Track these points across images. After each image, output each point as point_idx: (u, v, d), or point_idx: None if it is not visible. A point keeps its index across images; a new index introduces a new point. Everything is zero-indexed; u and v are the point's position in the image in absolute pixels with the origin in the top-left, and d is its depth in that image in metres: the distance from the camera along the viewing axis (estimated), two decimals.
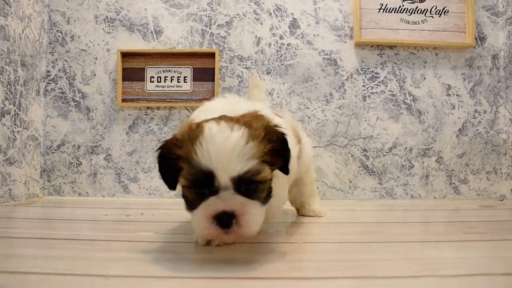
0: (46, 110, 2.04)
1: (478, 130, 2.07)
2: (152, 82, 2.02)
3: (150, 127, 2.03)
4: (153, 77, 2.02)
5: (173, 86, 2.02)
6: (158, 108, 2.03)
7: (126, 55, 2.03)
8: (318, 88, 2.03)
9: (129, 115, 2.04)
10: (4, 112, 1.72)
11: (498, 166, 2.07)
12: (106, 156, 2.03)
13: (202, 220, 0.76)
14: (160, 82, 2.02)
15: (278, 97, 2.02)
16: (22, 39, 1.85)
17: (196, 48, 2.04)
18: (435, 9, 2.04)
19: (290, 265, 0.78)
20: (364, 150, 2.04)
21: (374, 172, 2.03)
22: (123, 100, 2.01)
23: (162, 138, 2.02)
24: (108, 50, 2.04)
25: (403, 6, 2.04)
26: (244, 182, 0.75)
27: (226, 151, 0.73)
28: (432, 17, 2.04)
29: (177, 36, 2.05)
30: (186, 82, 2.02)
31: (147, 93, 2.02)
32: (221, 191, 0.75)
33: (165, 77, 2.02)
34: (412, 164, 2.04)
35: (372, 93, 2.05)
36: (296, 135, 1.14)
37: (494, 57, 2.08)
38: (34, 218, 1.43)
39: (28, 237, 1.09)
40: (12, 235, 1.12)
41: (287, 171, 0.86)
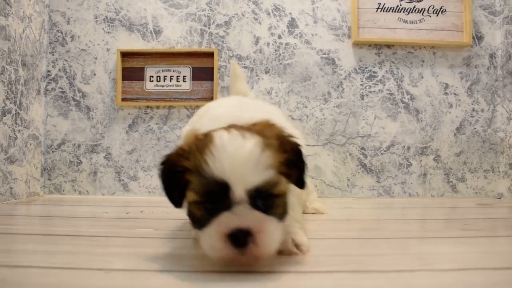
0: (46, 109, 2.05)
1: (475, 128, 2.08)
2: (152, 81, 2.03)
3: (149, 126, 2.05)
4: (152, 76, 2.03)
5: (172, 86, 2.03)
6: (158, 107, 2.05)
7: (125, 55, 2.04)
8: (316, 87, 2.05)
9: (128, 114, 2.05)
10: (5, 111, 1.73)
11: (496, 164, 2.09)
12: (106, 155, 2.04)
13: (214, 239, 0.66)
14: (159, 81, 2.03)
15: (277, 96, 2.03)
16: (23, 39, 1.86)
17: (195, 48, 2.05)
18: (433, 8, 2.06)
19: (287, 259, 0.79)
20: (362, 148, 2.05)
21: (372, 170, 2.05)
22: (123, 99, 2.03)
23: (162, 137, 2.04)
24: (108, 50, 2.06)
25: (400, 5, 2.05)
26: (260, 196, 0.67)
27: (241, 160, 0.65)
28: (430, 16, 2.05)
29: (176, 35, 2.06)
30: (185, 82, 2.03)
31: (146, 92, 2.03)
32: (235, 205, 0.65)
33: (164, 76, 2.03)
34: (410, 162, 2.06)
35: (370, 92, 2.06)
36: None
37: (492, 56, 2.10)
38: (35, 216, 1.44)
39: (29, 233, 1.10)
40: (13, 231, 1.13)
41: (303, 184, 0.78)
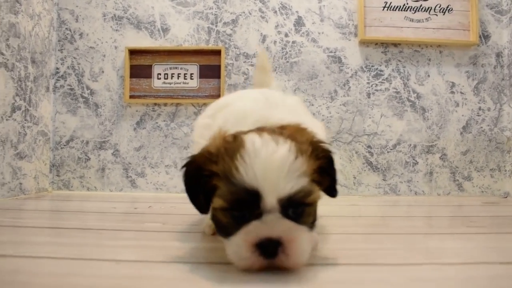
0: (55, 106, 2.08)
1: (482, 127, 2.08)
2: (159, 79, 2.05)
3: (157, 123, 2.06)
4: (160, 74, 2.05)
5: (179, 83, 2.05)
6: (165, 104, 2.06)
7: (133, 53, 2.06)
8: (323, 85, 2.05)
9: (136, 111, 2.07)
10: (15, 108, 1.75)
11: (502, 163, 2.09)
12: (114, 152, 2.06)
13: (242, 248, 0.62)
14: (167, 79, 2.05)
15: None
16: (32, 36, 1.88)
17: (203, 46, 2.07)
18: (439, 7, 2.06)
19: None
20: (369, 146, 2.06)
21: (378, 168, 2.05)
22: (131, 97, 2.04)
23: (169, 134, 2.05)
24: (116, 48, 2.08)
25: (407, 4, 2.05)
26: (292, 204, 0.64)
27: (274, 168, 0.62)
28: (436, 15, 2.06)
29: (183, 33, 2.08)
30: (193, 79, 2.05)
31: (154, 89, 2.05)
32: (265, 214, 0.62)
33: (172, 74, 2.05)
34: (416, 161, 2.06)
35: (377, 90, 2.07)
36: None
37: (498, 55, 2.10)
38: (44, 210, 1.46)
39: (39, 226, 1.12)
40: (23, 225, 1.15)
41: (335, 193, 0.75)
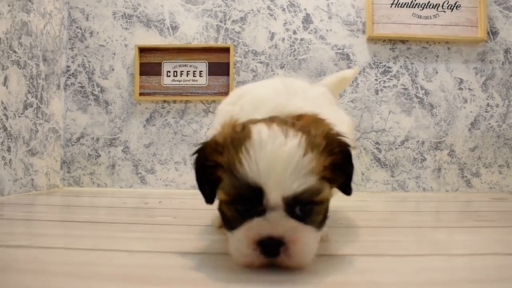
0: (66, 103, 2.10)
1: (490, 124, 2.08)
2: (169, 76, 2.07)
3: (166, 120, 2.08)
4: (169, 71, 2.07)
5: (189, 80, 2.07)
6: (175, 101, 2.08)
7: (143, 50, 2.08)
8: None
9: (146, 108, 2.09)
10: (27, 105, 1.78)
11: (511, 159, 2.08)
12: (124, 148, 2.08)
13: (243, 244, 0.60)
14: (176, 76, 2.07)
15: None
16: (44, 34, 1.91)
17: (211, 43, 2.08)
18: (447, 3, 2.06)
19: None
20: (377, 143, 2.06)
21: (386, 165, 2.06)
22: (141, 94, 2.07)
23: (178, 131, 2.08)
24: (126, 46, 2.10)
25: (415, 1, 2.06)
26: (299, 203, 0.60)
27: (280, 163, 0.58)
28: (444, 11, 2.06)
29: (192, 31, 2.09)
30: (202, 77, 2.06)
31: (163, 87, 2.07)
32: (268, 211, 0.59)
33: (181, 71, 2.07)
34: (424, 157, 2.06)
35: (385, 87, 2.07)
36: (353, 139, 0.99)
37: (507, 51, 2.09)
38: (56, 205, 1.48)
39: (51, 220, 1.14)
40: (36, 218, 1.17)
41: (349, 190, 0.71)
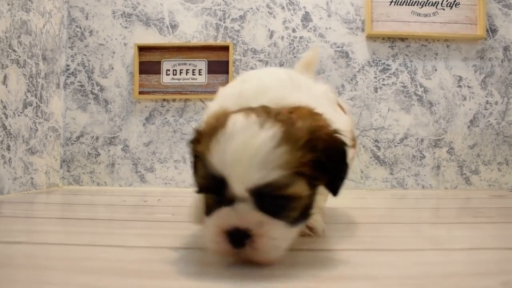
0: (66, 102, 2.11)
1: (489, 121, 2.08)
2: (168, 75, 2.07)
3: (166, 118, 2.09)
4: (169, 70, 2.07)
5: (188, 79, 2.07)
6: (174, 100, 2.09)
7: (142, 49, 2.08)
8: (330, 80, 2.06)
9: (145, 107, 2.09)
10: (27, 104, 1.78)
11: (510, 157, 2.09)
12: (123, 147, 2.09)
13: (212, 232, 0.60)
14: (175, 75, 2.07)
15: None
16: (43, 34, 1.91)
17: (211, 42, 2.09)
18: (446, 1, 2.06)
19: (301, 240, 0.81)
20: (376, 141, 2.07)
21: (386, 162, 2.06)
22: (140, 93, 2.07)
23: (178, 130, 2.08)
24: (125, 44, 2.10)
25: None
26: (268, 196, 0.58)
27: (246, 154, 0.56)
28: (443, 9, 2.06)
29: (192, 30, 2.10)
30: (201, 75, 2.07)
31: (163, 85, 2.08)
32: (237, 202, 0.58)
33: (180, 70, 2.07)
34: (423, 154, 2.07)
35: (384, 84, 2.07)
36: (353, 137, 0.93)
37: (506, 48, 2.09)
38: (56, 203, 1.49)
39: (51, 217, 1.15)
40: (36, 216, 1.18)
41: (335, 191, 0.67)
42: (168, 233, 0.90)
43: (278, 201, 0.59)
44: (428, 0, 2.06)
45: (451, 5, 2.06)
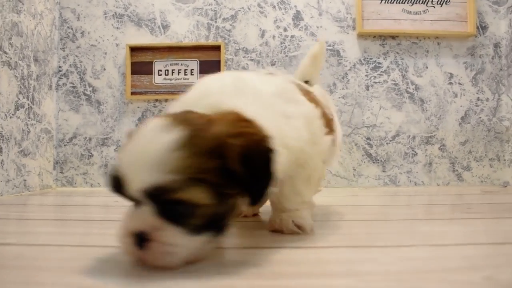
0: (58, 104, 2.11)
1: (480, 117, 2.10)
2: (160, 75, 2.08)
3: None
4: (160, 70, 2.08)
5: (180, 79, 2.07)
6: (166, 100, 2.09)
7: (134, 50, 2.08)
8: (322, 78, 2.07)
9: (138, 107, 2.09)
10: (18, 106, 1.78)
11: (501, 153, 2.10)
12: (116, 148, 2.09)
13: (121, 233, 0.61)
14: (167, 75, 2.08)
15: None
16: (35, 35, 1.91)
17: (202, 42, 2.09)
18: None
19: (291, 237, 0.82)
20: (368, 138, 2.08)
21: (378, 160, 2.07)
22: (132, 93, 2.07)
23: None
24: (117, 45, 2.10)
25: None
26: (161, 200, 0.57)
27: (142, 156, 0.57)
28: (434, 7, 2.07)
29: (183, 30, 2.10)
30: (193, 75, 2.07)
31: (155, 86, 2.08)
32: (142, 205, 0.59)
33: (172, 70, 2.08)
34: (415, 152, 2.08)
35: (375, 82, 2.09)
36: (328, 123, 0.91)
37: (496, 45, 2.11)
38: (49, 205, 1.49)
39: (43, 218, 1.15)
40: (28, 217, 1.18)
41: (254, 201, 0.64)
42: None
43: (176, 206, 0.58)
44: None
45: (442, 2, 2.07)
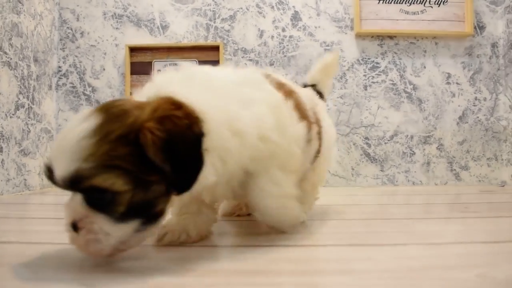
0: (58, 104, 2.12)
1: (478, 117, 2.11)
2: None
3: None
4: (160, 70, 2.09)
5: None
6: None
7: (134, 50, 2.09)
8: None
9: None
10: (19, 106, 1.79)
11: (499, 152, 2.11)
12: None
13: (64, 221, 0.61)
14: None
15: None
16: (34, 35, 1.92)
17: (201, 42, 2.10)
18: None
19: (289, 236, 0.83)
20: (366, 138, 2.09)
21: (376, 159, 2.08)
22: (132, 93, 2.08)
23: None
24: (116, 45, 2.11)
25: None
26: (82, 188, 0.57)
27: (64, 144, 0.57)
28: (431, 7, 2.08)
29: (182, 30, 2.11)
30: None
31: None
32: (73, 194, 0.59)
33: None
34: (413, 151, 2.09)
35: (373, 82, 2.10)
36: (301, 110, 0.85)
37: (494, 45, 2.12)
38: (49, 204, 1.50)
39: (43, 217, 1.16)
40: (29, 216, 1.19)
41: (178, 189, 0.62)
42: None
43: (94, 194, 0.57)
44: None
45: (439, 2, 2.08)
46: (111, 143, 0.56)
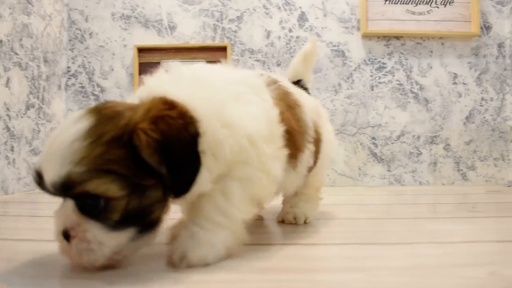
0: (67, 104, 2.13)
1: (485, 117, 2.11)
2: None
3: None
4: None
5: None
6: None
7: (142, 50, 2.11)
8: (327, 79, 2.09)
9: None
10: (29, 105, 1.81)
11: (506, 152, 2.11)
12: None
13: (54, 230, 0.58)
14: None
15: None
16: (44, 36, 1.94)
17: (209, 43, 2.11)
18: None
19: (301, 234, 0.85)
20: (373, 138, 2.09)
21: (383, 159, 2.09)
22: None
23: None
24: (125, 46, 2.13)
25: None
26: (74, 194, 0.54)
27: (54, 147, 0.54)
28: (438, 7, 2.09)
29: (190, 31, 2.12)
30: None
31: None
32: (65, 200, 0.56)
33: None
34: (420, 151, 2.10)
35: (380, 82, 2.10)
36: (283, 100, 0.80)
37: (500, 45, 2.12)
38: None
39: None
40: (41, 214, 1.21)
41: (176, 191, 0.59)
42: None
43: (87, 200, 0.54)
44: None
45: (445, 3, 2.09)
46: (104, 145, 0.54)
